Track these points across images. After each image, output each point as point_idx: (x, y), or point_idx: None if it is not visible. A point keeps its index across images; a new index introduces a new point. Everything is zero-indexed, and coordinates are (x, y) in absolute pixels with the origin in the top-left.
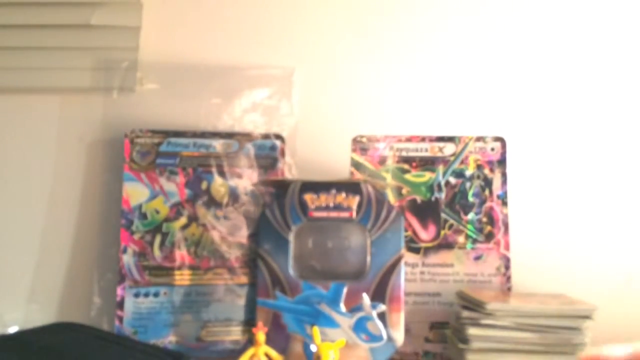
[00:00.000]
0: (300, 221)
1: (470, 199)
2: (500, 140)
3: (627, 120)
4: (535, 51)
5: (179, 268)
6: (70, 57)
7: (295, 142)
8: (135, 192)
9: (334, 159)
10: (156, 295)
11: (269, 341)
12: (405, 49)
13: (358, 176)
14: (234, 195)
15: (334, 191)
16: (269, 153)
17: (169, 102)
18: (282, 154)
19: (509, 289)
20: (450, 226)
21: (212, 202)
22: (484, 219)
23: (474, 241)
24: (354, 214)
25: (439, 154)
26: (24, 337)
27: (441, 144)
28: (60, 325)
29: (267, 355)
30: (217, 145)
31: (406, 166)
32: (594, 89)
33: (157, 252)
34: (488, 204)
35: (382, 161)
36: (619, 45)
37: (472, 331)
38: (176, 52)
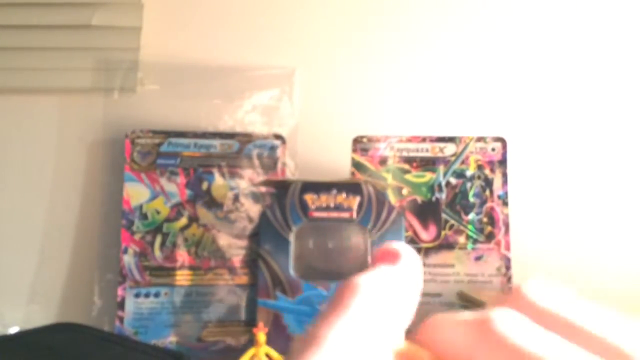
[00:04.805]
0: (301, 221)
1: (471, 199)
2: (501, 140)
3: (629, 120)
4: (536, 51)
5: (180, 268)
6: (70, 57)
7: (296, 142)
8: (136, 193)
9: (335, 160)
10: (157, 295)
11: (270, 342)
12: (406, 49)
13: (359, 176)
14: (234, 195)
15: (334, 191)
16: (269, 153)
17: (170, 102)
18: (283, 154)
19: (510, 289)
20: (451, 226)
21: (213, 203)
22: (485, 220)
23: (475, 241)
24: (355, 214)
25: (440, 155)
26: (25, 338)
27: (442, 144)
28: (61, 325)
29: (267, 355)
30: (218, 145)
31: (407, 166)
32: (596, 88)
33: (157, 253)
34: (489, 204)
35: (383, 161)
36: (620, 46)
37: None
38: (177, 53)
